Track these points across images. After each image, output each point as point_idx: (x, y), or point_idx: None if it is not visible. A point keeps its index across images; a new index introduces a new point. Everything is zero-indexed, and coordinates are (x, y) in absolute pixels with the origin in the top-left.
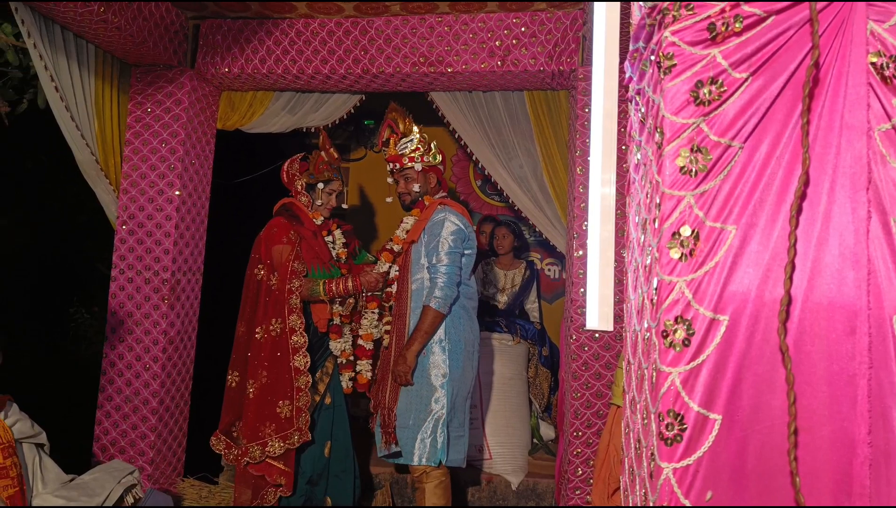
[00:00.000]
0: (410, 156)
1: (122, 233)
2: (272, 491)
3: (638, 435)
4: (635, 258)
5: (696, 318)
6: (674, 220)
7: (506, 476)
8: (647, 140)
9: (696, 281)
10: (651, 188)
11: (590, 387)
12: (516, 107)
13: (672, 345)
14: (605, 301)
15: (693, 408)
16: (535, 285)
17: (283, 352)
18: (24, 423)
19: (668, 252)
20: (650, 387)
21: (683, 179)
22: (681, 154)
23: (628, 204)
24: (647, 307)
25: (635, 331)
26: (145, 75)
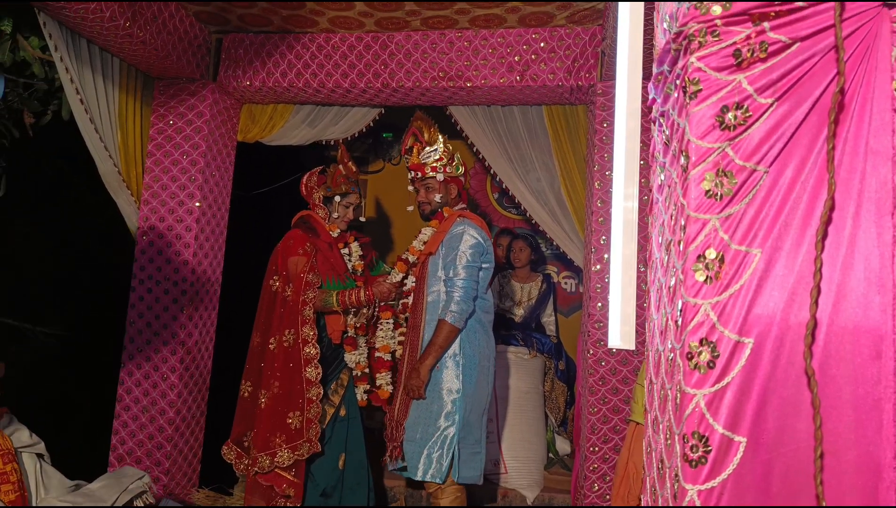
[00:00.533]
0: (433, 166)
1: (142, 243)
2: (283, 502)
3: (661, 455)
4: (658, 278)
5: (721, 340)
6: (699, 243)
7: (521, 491)
8: (671, 162)
9: (721, 304)
10: (676, 211)
11: (606, 402)
12: (534, 121)
13: (697, 367)
14: (626, 320)
15: (718, 430)
16: (551, 299)
17: (295, 363)
18: (21, 432)
19: (693, 274)
20: (674, 408)
21: (709, 203)
22: (706, 178)
23: (651, 223)
24: (670, 328)
25: (658, 351)
26: (168, 88)
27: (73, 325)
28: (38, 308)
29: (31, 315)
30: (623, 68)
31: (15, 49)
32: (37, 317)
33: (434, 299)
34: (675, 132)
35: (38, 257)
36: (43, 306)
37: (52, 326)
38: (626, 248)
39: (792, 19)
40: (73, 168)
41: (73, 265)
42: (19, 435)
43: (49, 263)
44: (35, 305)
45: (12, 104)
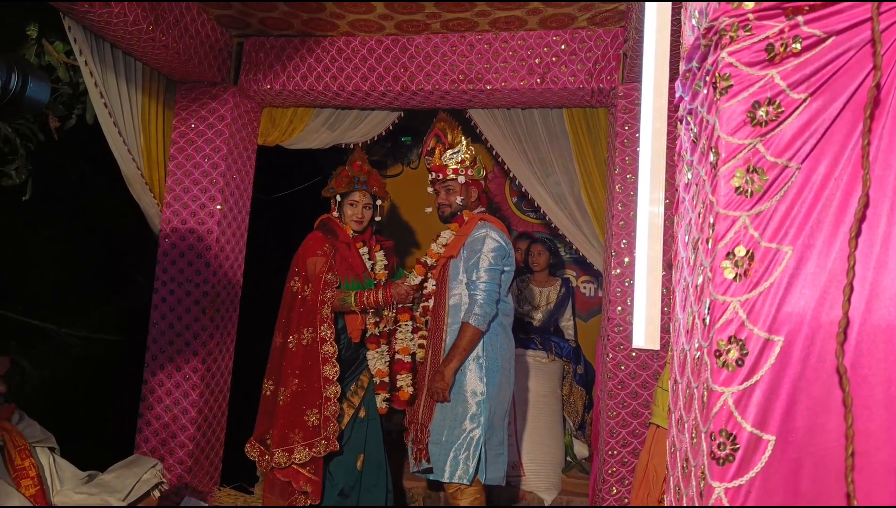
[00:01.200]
0: (455, 168)
1: (164, 246)
2: (301, 498)
3: (686, 454)
4: (684, 278)
5: (750, 338)
6: (728, 240)
7: (539, 494)
8: (699, 160)
9: (751, 301)
10: (704, 208)
11: (626, 406)
12: (555, 124)
13: (725, 365)
14: (651, 321)
15: (746, 428)
16: (570, 303)
17: (313, 361)
18: (33, 428)
19: (721, 272)
20: (700, 406)
21: (739, 200)
22: (736, 174)
23: (676, 223)
24: (697, 327)
25: (684, 350)
26: (190, 92)
27: (99, 326)
28: (62, 310)
29: (56, 317)
30: (650, 67)
31: (40, 53)
32: (62, 319)
33: (456, 302)
34: (703, 129)
35: (63, 258)
36: (67, 307)
37: (77, 327)
38: (652, 249)
39: (826, 13)
40: (97, 171)
41: (97, 267)
42: (31, 431)
43: (73, 265)
44: (59, 306)
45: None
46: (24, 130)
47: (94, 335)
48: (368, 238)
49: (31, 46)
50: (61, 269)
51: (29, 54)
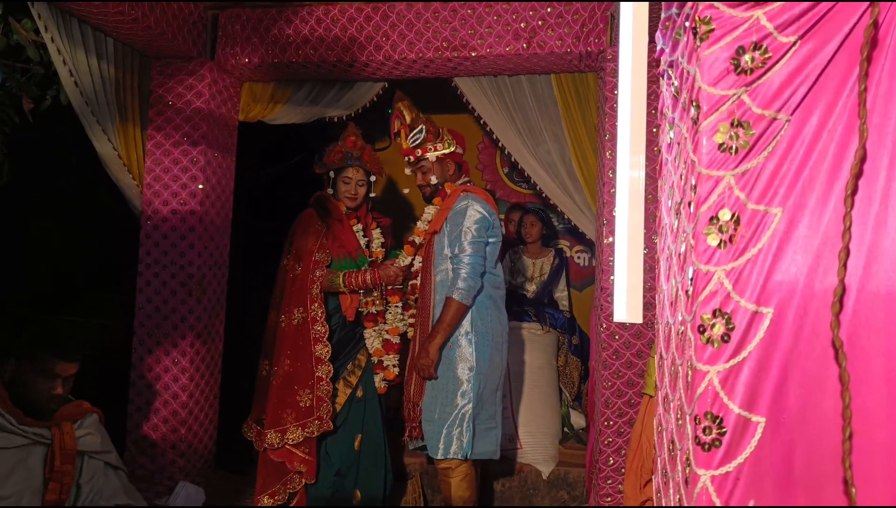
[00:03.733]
0: (423, 147)
1: (146, 228)
2: (297, 478)
3: (672, 436)
4: (668, 246)
5: (737, 311)
6: (711, 203)
7: (536, 466)
8: (681, 116)
9: (737, 270)
10: (686, 169)
11: (620, 376)
12: (543, 91)
13: (710, 341)
14: (633, 292)
15: (733, 410)
16: (564, 274)
17: (304, 341)
18: (94, 437)
19: (704, 239)
20: (685, 386)
21: (722, 158)
22: (719, 129)
23: (660, 187)
24: (681, 299)
25: (668, 324)
26: (165, 68)
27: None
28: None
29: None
30: (627, 19)
31: (8, 33)
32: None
33: (442, 278)
34: (684, 82)
35: (48, 243)
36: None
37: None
38: (633, 215)
39: None
40: (75, 152)
41: (82, 251)
42: (90, 440)
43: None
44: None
45: (11, 90)
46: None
47: (88, 321)
48: (364, 215)
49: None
50: (49, 254)
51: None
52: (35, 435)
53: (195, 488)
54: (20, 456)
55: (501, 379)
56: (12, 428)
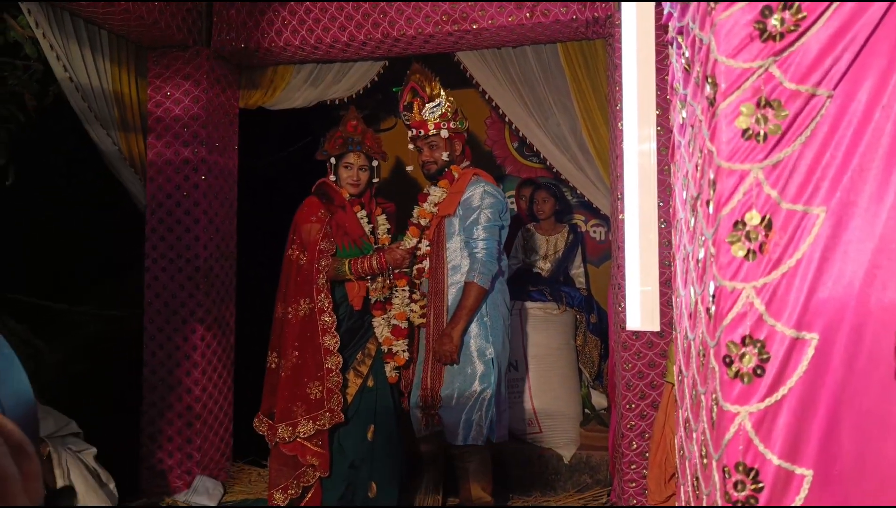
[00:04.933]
0: (437, 122)
1: (152, 222)
2: (310, 472)
3: (696, 471)
4: (685, 245)
5: (772, 338)
6: (735, 204)
7: (557, 450)
8: (694, 94)
9: (771, 287)
10: (702, 159)
11: (641, 356)
12: (550, 61)
13: (739, 376)
14: (648, 297)
15: (772, 461)
16: (579, 250)
17: (312, 332)
18: (46, 421)
19: (728, 248)
20: (710, 424)
21: (748, 147)
22: (742, 112)
23: (673, 173)
24: (700, 316)
25: (687, 338)
26: (161, 58)
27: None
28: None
29: (65, 296)
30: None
31: (5, 30)
32: (70, 298)
33: (455, 262)
34: (696, 52)
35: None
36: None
37: (87, 305)
38: (645, 202)
39: None
40: (79, 148)
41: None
42: (44, 424)
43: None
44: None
45: (13, 87)
46: (3, 111)
47: (103, 312)
48: (368, 201)
49: None
50: (59, 250)
51: None
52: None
53: (213, 481)
54: None
55: (507, 362)
56: None
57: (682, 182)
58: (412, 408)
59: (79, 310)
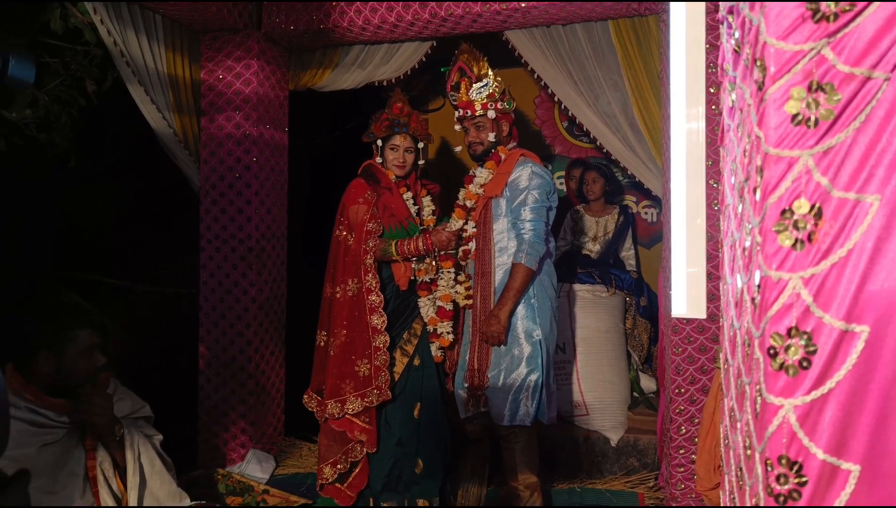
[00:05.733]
0: (484, 102)
1: (206, 203)
2: (358, 448)
3: (739, 462)
4: (732, 232)
5: (820, 330)
6: (783, 191)
7: (604, 433)
8: (743, 76)
9: (819, 278)
10: (750, 145)
11: (692, 341)
12: (600, 38)
13: (784, 367)
14: (694, 281)
15: (816, 455)
16: (629, 231)
17: (360, 311)
18: (124, 402)
19: (775, 237)
20: (753, 415)
21: (797, 133)
22: (793, 96)
23: (723, 157)
24: (747, 306)
25: (733, 326)
26: (213, 42)
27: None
28: (132, 267)
29: (129, 275)
30: None
31: (66, 17)
32: (134, 276)
33: (502, 243)
34: (746, 33)
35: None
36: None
37: (150, 284)
38: (693, 187)
39: None
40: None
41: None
42: (122, 405)
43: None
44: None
45: (75, 73)
46: (66, 96)
47: (163, 290)
48: (413, 183)
49: (56, 10)
50: (121, 229)
51: (54, 19)
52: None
53: (265, 455)
54: (64, 446)
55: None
56: (52, 423)
57: (730, 167)
58: (456, 389)
59: (140, 288)
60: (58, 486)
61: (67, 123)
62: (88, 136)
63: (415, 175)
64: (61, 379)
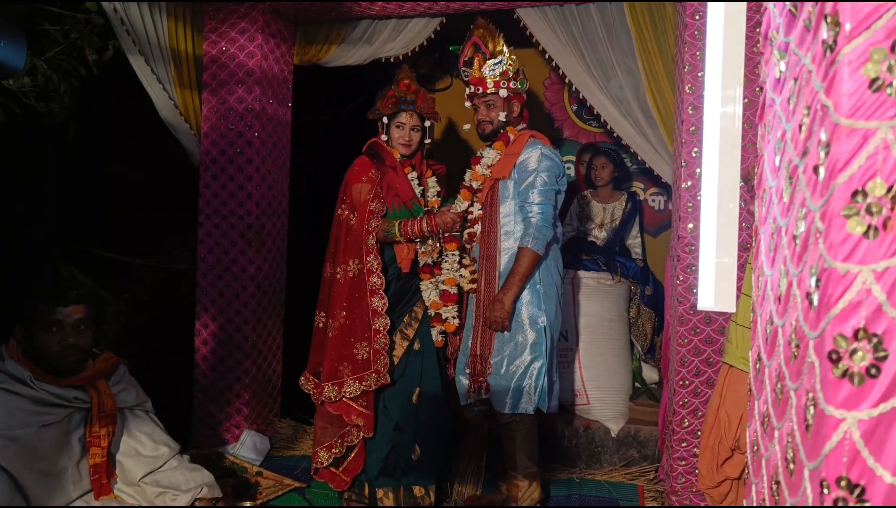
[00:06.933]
0: (497, 80)
1: (206, 178)
2: (354, 432)
3: (775, 475)
4: (774, 217)
5: (893, 332)
6: (855, 169)
7: (605, 423)
8: (801, 40)
9: (894, 271)
10: (811, 117)
11: (698, 332)
12: (614, 19)
13: (848, 375)
14: (724, 275)
15: (883, 478)
16: (637, 219)
17: (360, 293)
18: (127, 393)
19: (843, 223)
20: (802, 427)
21: (875, 100)
22: (872, 57)
23: (762, 136)
24: (797, 302)
25: (774, 324)
26: (217, 13)
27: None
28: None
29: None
30: None
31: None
32: (134, 251)
33: (509, 227)
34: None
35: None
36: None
37: (150, 259)
38: (725, 171)
39: None
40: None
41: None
42: (125, 396)
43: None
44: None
45: (74, 41)
46: (66, 65)
47: (164, 266)
48: (418, 162)
49: None
50: (121, 204)
51: None
52: (76, 400)
53: (260, 436)
54: (64, 429)
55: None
56: (54, 400)
57: (774, 145)
58: (458, 375)
59: (141, 263)
60: (58, 468)
61: (67, 93)
62: (89, 107)
63: (420, 155)
64: (36, 357)
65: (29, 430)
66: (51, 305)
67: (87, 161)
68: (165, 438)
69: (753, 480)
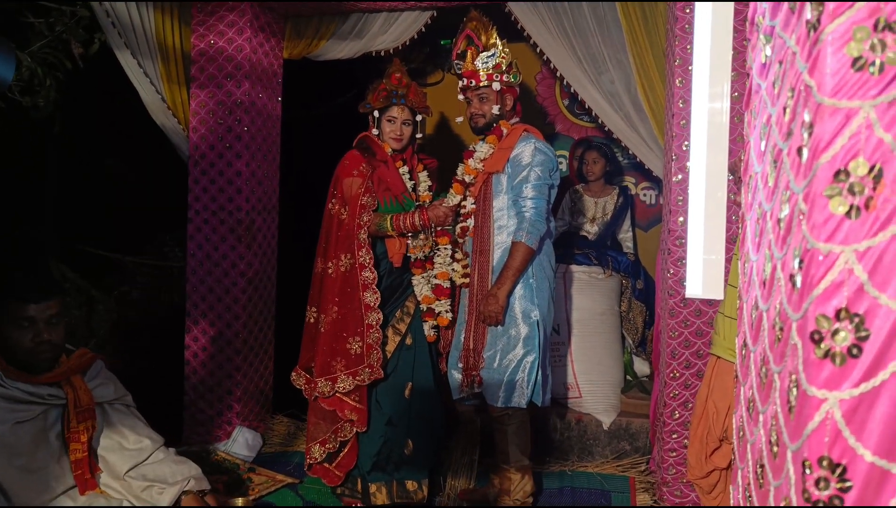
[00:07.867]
0: (489, 74)
1: (195, 173)
2: (347, 427)
3: (760, 458)
4: (759, 203)
5: (874, 312)
6: (838, 149)
7: (597, 416)
8: (786, 22)
9: (876, 251)
10: (794, 98)
11: (689, 325)
12: (606, 13)
13: (829, 355)
14: (712, 263)
15: (864, 457)
16: (628, 213)
17: (352, 288)
18: (106, 387)
19: (825, 203)
20: (785, 409)
21: (858, 80)
22: (855, 36)
23: (748, 122)
24: (780, 285)
25: (759, 309)
26: (205, 5)
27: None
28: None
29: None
30: None
31: None
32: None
33: (502, 222)
34: None
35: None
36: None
37: (141, 256)
38: (713, 161)
39: None
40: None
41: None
42: (103, 391)
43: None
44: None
45: (60, 34)
46: (51, 59)
47: (155, 263)
48: (409, 157)
49: None
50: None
51: None
52: (50, 397)
53: (252, 433)
54: (40, 426)
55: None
56: (27, 397)
57: (759, 131)
58: (450, 369)
59: (132, 260)
60: (37, 464)
61: (52, 87)
62: (75, 101)
63: (412, 149)
64: (8, 354)
65: (3, 427)
66: (22, 300)
67: (83, 159)
68: (148, 431)
69: (739, 465)
